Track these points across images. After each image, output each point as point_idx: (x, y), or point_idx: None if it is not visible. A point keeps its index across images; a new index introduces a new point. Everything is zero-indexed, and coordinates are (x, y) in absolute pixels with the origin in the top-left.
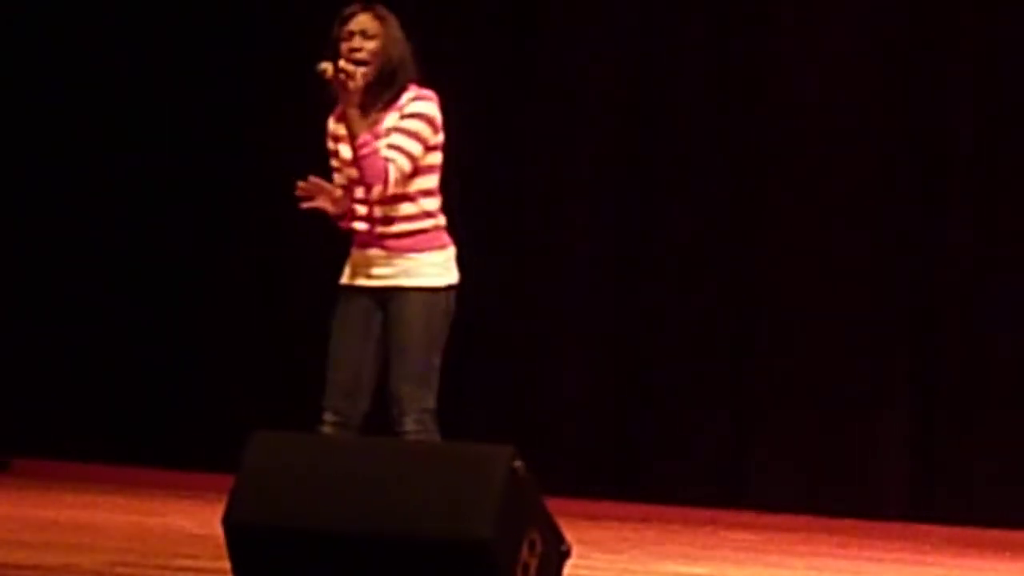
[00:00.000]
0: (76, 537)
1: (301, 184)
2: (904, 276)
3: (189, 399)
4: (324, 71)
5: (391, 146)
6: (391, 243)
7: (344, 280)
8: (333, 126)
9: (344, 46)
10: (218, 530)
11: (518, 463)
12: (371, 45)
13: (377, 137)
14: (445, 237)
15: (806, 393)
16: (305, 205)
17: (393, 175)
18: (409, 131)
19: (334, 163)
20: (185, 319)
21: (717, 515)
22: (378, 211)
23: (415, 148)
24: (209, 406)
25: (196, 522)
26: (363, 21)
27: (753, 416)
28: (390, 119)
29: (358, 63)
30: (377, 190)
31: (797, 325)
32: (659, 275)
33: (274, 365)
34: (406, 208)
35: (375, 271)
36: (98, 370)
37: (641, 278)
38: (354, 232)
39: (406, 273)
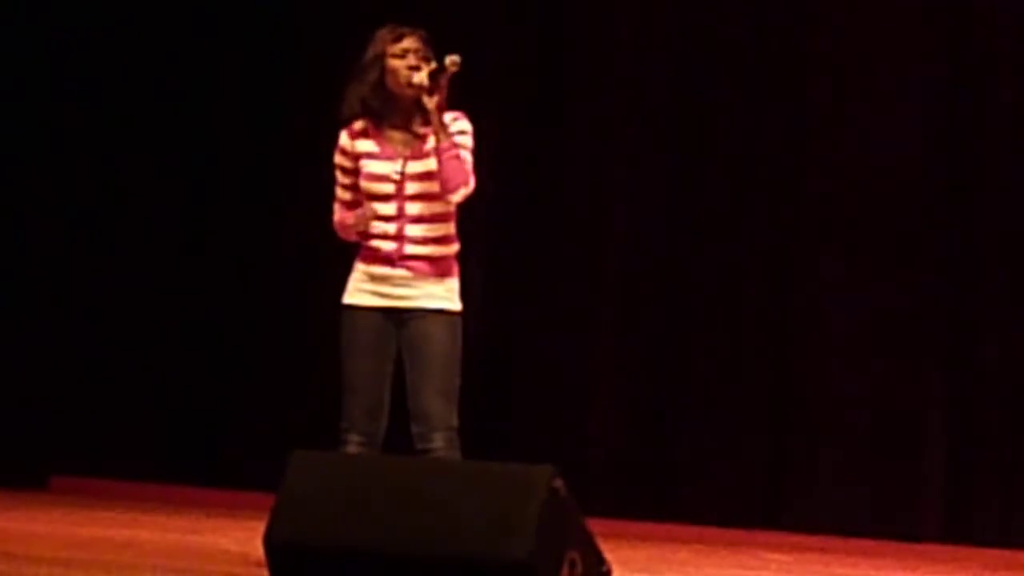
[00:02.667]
0: (116, 555)
1: (364, 214)
2: (942, 300)
3: (230, 418)
4: (422, 80)
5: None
6: (417, 264)
7: (352, 299)
8: (349, 143)
9: (400, 63)
10: (259, 549)
11: (558, 483)
12: (426, 67)
13: (426, 156)
14: (457, 265)
15: (844, 414)
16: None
17: (472, 182)
18: (465, 146)
19: (345, 180)
20: (225, 338)
21: (754, 536)
22: (412, 230)
23: (471, 162)
24: (250, 425)
25: (236, 541)
26: (415, 43)
27: (791, 437)
28: (431, 140)
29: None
30: (461, 193)
31: (835, 346)
32: (697, 294)
33: (315, 384)
34: (439, 229)
35: (394, 291)
36: (138, 388)
37: (679, 297)
38: (367, 249)
39: (430, 296)
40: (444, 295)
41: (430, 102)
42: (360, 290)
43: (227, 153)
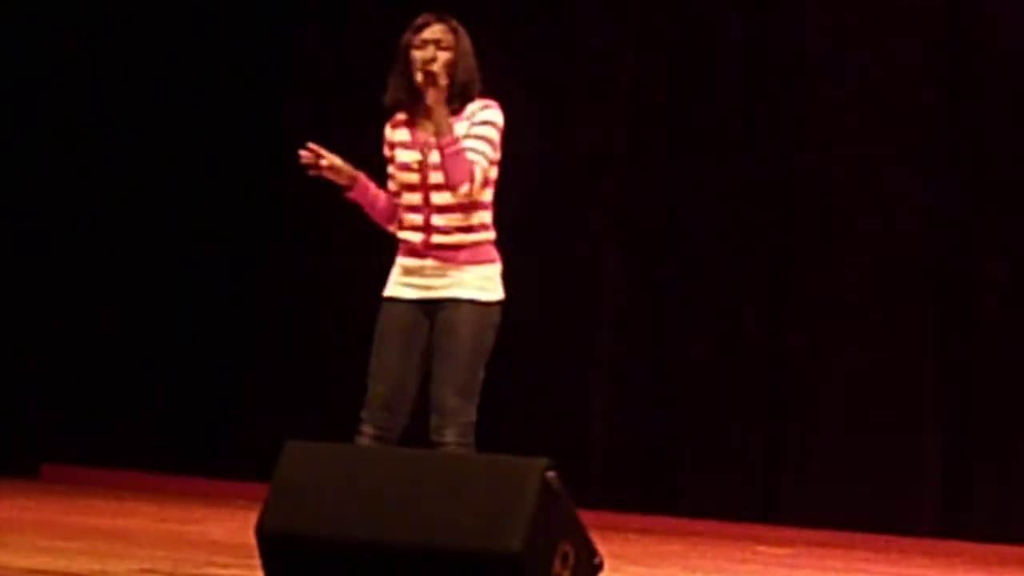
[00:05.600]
0: (108, 544)
1: (303, 152)
2: (937, 295)
3: (223, 407)
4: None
5: (470, 149)
6: (446, 254)
7: (389, 292)
8: (390, 133)
9: (417, 54)
10: (251, 539)
11: (552, 474)
12: (444, 56)
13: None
14: (495, 251)
15: (840, 408)
16: (311, 173)
17: (479, 176)
18: (485, 137)
19: (390, 169)
20: (219, 328)
21: (749, 529)
22: (437, 220)
23: (492, 153)
24: (242, 415)
25: (228, 530)
26: (438, 31)
27: (787, 431)
28: (459, 127)
29: (429, 73)
30: (464, 190)
31: (832, 341)
32: (694, 288)
33: (308, 375)
34: (465, 219)
35: (425, 282)
36: (129, 377)
37: (676, 291)
38: (401, 242)
39: (459, 285)
40: (476, 284)
41: (431, 95)
42: (395, 283)
43: (223, 146)
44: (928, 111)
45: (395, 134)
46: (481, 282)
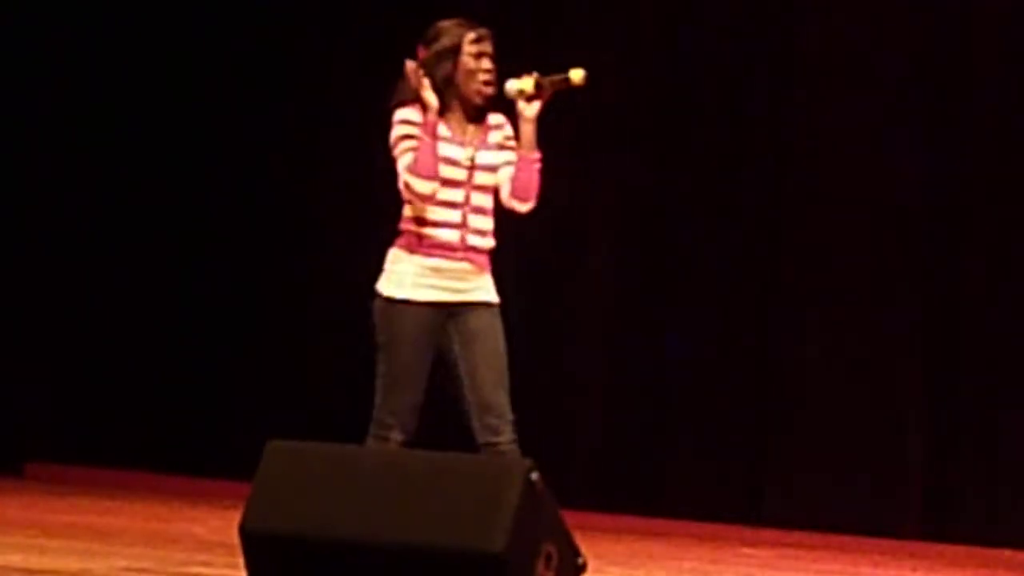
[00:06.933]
0: (92, 543)
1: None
2: (921, 297)
3: (206, 406)
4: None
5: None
6: (477, 257)
7: (407, 294)
8: (419, 116)
9: (476, 64)
10: (234, 538)
11: (535, 475)
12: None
13: (490, 149)
14: None
15: (824, 410)
16: (412, 83)
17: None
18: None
19: (414, 143)
20: (203, 327)
21: (733, 531)
22: (474, 221)
23: None
24: (226, 414)
25: (211, 529)
26: (490, 46)
27: (770, 433)
28: (493, 136)
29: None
30: (527, 206)
31: (815, 344)
32: (680, 291)
33: (291, 374)
34: (491, 224)
35: (453, 284)
36: (114, 377)
37: (661, 293)
38: (423, 238)
39: (484, 288)
40: (492, 288)
41: (530, 109)
42: (415, 284)
43: (211, 150)
44: (916, 108)
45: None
46: (493, 286)
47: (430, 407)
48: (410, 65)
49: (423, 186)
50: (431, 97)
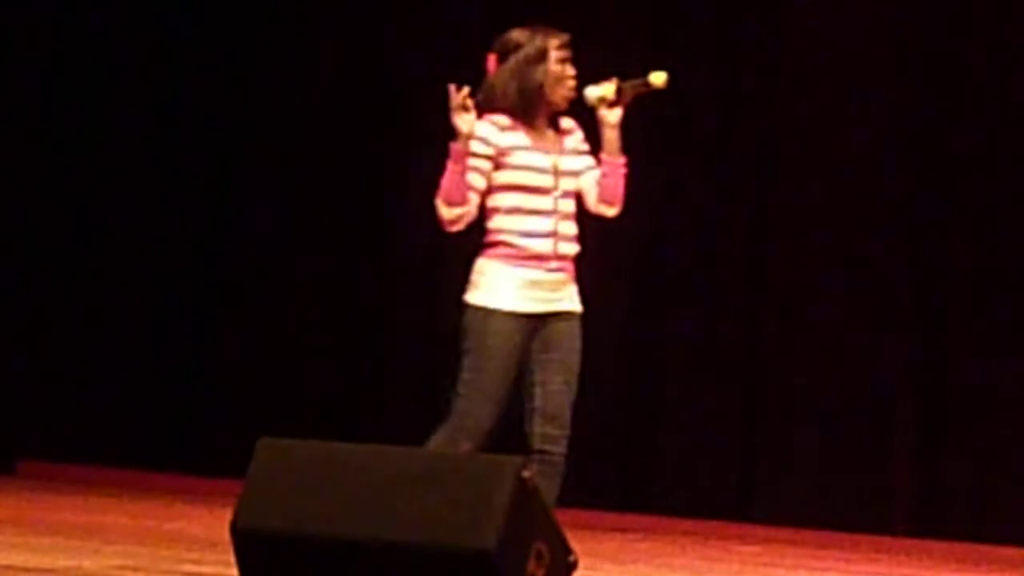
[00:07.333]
0: (82, 540)
1: (459, 90)
2: (910, 294)
3: (198, 404)
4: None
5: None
6: (567, 265)
7: (507, 305)
8: (496, 133)
9: (563, 70)
10: (226, 536)
11: (527, 473)
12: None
13: (570, 154)
14: None
15: (814, 408)
16: (455, 104)
17: None
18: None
19: (485, 165)
20: (195, 324)
21: (724, 528)
22: (563, 228)
23: None
24: (217, 411)
25: (203, 527)
26: (571, 52)
27: (761, 430)
28: (569, 141)
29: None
30: (615, 210)
31: (805, 341)
32: (669, 284)
33: (283, 372)
34: (577, 228)
35: (547, 295)
36: (105, 374)
37: (650, 287)
38: (514, 248)
39: (571, 297)
40: (577, 297)
41: (612, 115)
42: (514, 296)
43: (195, 146)
44: (905, 113)
45: (507, 136)
46: (578, 294)
47: (429, 407)
48: (454, 89)
49: (447, 212)
50: (463, 124)
